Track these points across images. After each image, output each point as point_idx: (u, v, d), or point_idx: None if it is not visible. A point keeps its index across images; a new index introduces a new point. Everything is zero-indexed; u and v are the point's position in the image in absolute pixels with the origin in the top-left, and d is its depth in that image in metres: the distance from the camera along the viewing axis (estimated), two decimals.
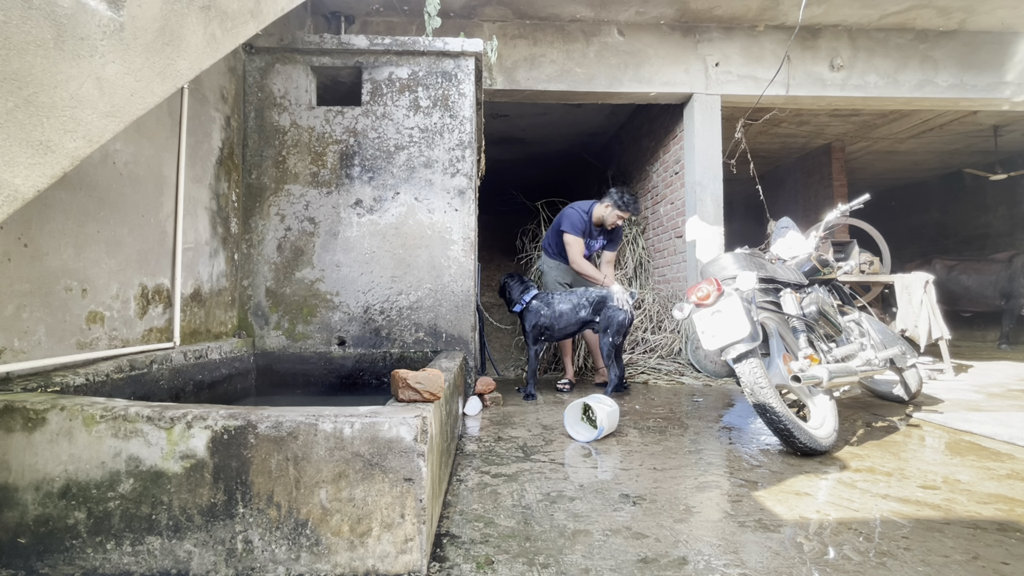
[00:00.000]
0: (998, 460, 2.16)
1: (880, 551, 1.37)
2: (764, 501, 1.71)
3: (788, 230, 3.00)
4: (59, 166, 1.03)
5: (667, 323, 4.89)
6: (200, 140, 2.61)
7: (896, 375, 3.15)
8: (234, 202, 2.96)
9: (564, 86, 4.67)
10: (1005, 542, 1.43)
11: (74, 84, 1.03)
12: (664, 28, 4.72)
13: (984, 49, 4.79)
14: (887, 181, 9.59)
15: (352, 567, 1.20)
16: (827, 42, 4.76)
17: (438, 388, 1.48)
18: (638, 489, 1.81)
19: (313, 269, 3.04)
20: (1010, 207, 8.03)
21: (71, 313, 1.78)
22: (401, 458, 1.23)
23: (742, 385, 2.22)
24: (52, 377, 1.59)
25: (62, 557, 1.21)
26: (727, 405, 3.28)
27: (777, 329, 2.51)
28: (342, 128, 3.09)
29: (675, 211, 5.16)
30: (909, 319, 4.52)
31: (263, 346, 2.99)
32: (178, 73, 1.26)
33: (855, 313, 3.06)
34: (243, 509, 1.21)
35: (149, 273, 2.21)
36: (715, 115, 4.76)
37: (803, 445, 2.13)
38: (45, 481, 1.22)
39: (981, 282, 6.92)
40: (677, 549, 1.38)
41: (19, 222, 1.56)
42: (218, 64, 2.74)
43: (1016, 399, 3.44)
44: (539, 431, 2.61)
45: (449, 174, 3.11)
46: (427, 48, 3.10)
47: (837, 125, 6.69)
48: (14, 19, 0.91)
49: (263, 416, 1.24)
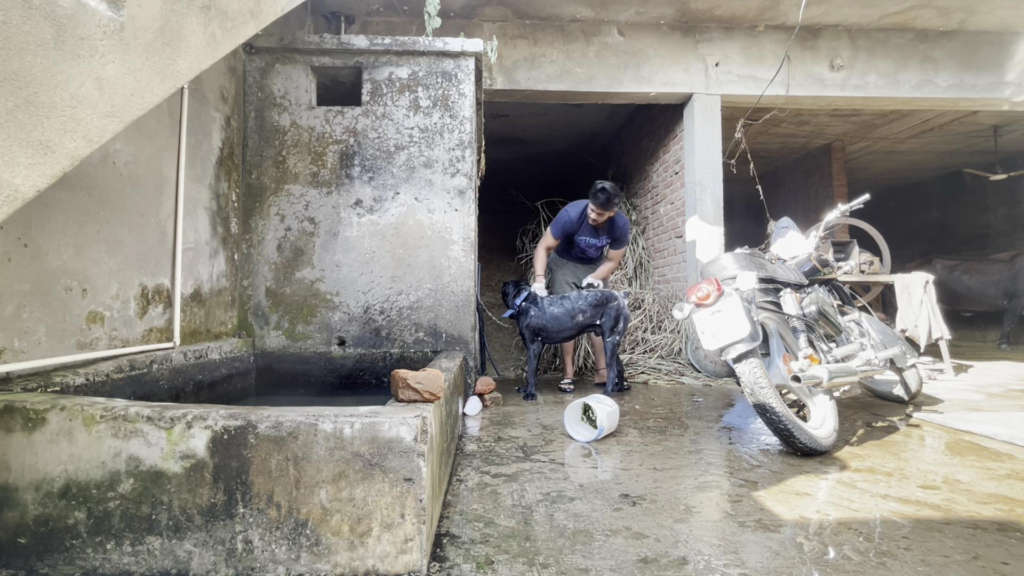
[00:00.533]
0: (998, 460, 2.16)
1: (880, 551, 1.37)
2: (764, 501, 1.71)
3: (788, 230, 3.00)
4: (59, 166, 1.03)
5: (667, 323, 4.89)
6: (200, 140, 2.61)
7: (896, 375, 3.15)
8: (234, 202, 2.96)
9: (564, 86, 4.67)
10: (1005, 542, 1.43)
11: (74, 84, 1.03)
12: (664, 28, 4.72)
13: (984, 49, 4.79)
14: (887, 181, 9.59)
15: (352, 567, 1.20)
16: (827, 42, 4.76)
17: (438, 388, 1.48)
18: (638, 489, 1.81)
19: (313, 269, 3.04)
20: (1010, 207, 8.03)
21: (71, 313, 1.78)
22: (401, 458, 1.23)
23: (742, 385, 2.22)
24: (52, 377, 1.59)
25: (62, 557, 1.21)
26: (727, 405, 3.28)
27: (777, 329, 2.51)
28: (342, 128, 3.09)
29: (675, 211, 5.16)
30: (909, 319, 4.52)
31: (263, 346, 2.99)
32: (178, 73, 1.26)
33: (855, 313, 3.06)
34: (243, 509, 1.21)
35: (149, 273, 2.21)
36: (715, 115, 4.76)
37: (803, 445, 2.13)
38: (45, 481, 1.22)
39: (983, 282, 6.93)
40: (677, 549, 1.38)
41: (19, 222, 1.56)
42: (218, 64, 2.74)
43: (1016, 399, 3.44)
44: (539, 431, 2.61)
45: (449, 174, 3.11)
46: (427, 48, 3.10)
47: (837, 125, 6.69)
48: (14, 19, 0.91)
49: (263, 416, 1.24)
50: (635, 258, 5.85)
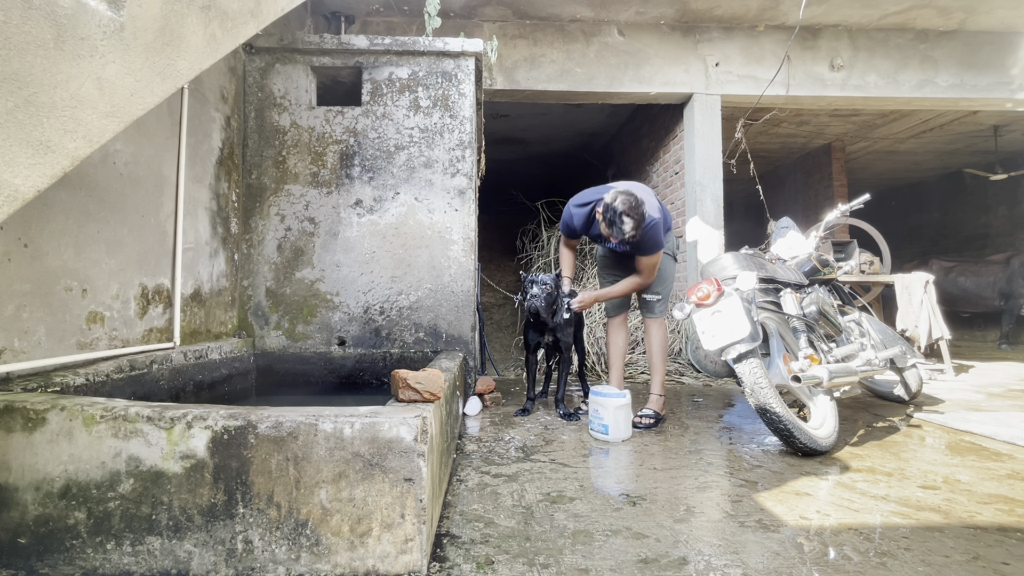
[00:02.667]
0: (998, 460, 2.16)
1: (880, 551, 1.37)
2: (764, 501, 1.71)
3: (788, 230, 2.99)
4: (59, 166, 1.03)
5: (667, 323, 4.89)
6: (200, 140, 2.61)
7: (896, 375, 3.15)
8: (234, 202, 2.96)
9: (564, 86, 4.67)
10: (1005, 542, 1.43)
11: (74, 84, 1.03)
12: (664, 28, 4.72)
13: (984, 49, 4.79)
14: (887, 181, 9.59)
15: (352, 567, 1.20)
16: (827, 42, 4.76)
17: (438, 388, 1.48)
18: (638, 489, 1.81)
19: (313, 269, 3.04)
20: (1010, 207, 8.03)
21: (71, 313, 1.78)
22: (401, 458, 1.23)
23: (742, 385, 2.21)
24: (52, 377, 1.59)
25: (62, 557, 1.21)
26: (727, 405, 3.28)
27: (777, 329, 2.51)
28: (342, 128, 3.09)
29: (675, 211, 5.16)
30: (909, 319, 4.52)
31: (263, 346, 2.99)
32: (178, 73, 1.26)
33: (855, 313, 3.06)
34: (243, 509, 1.21)
35: (149, 273, 2.21)
36: (715, 115, 4.76)
37: (803, 445, 2.13)
38: (45, 481, 1.22)
39: (979, 283, 6.94)
40: (677, 549, 1.37)
41: (19, 222, 1.56)
42: (218, 64, 2.74)
43: (1016, 399, 3.44)
44: (539, 431, 2.61)
45: (449, 174, 3.11)
46: (427, 48, 3.10)
47: (837, 125, 6.69)
48: (14, 19, 0.91)
49: (263, 416, 1.24)
50: None
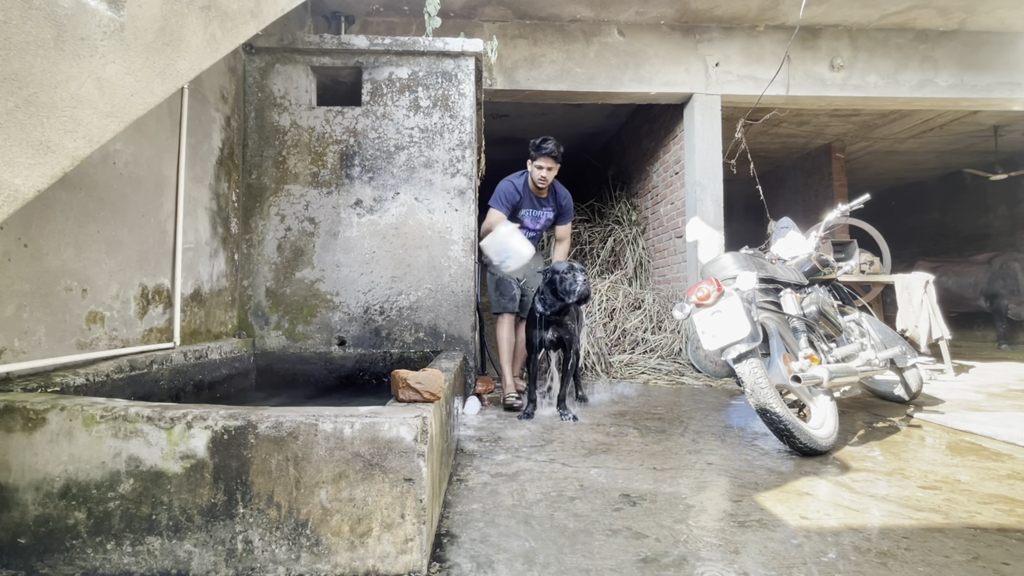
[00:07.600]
0: (998, 460, 2.16)
1: (880, 551, 1.37)
2: (764, 501, 1.70)
3: (788, 230, 2.99)
4: (59, 166, 1.03)
5: (667, 323, 4.89)
6: (200, 140, 2.61)
7: (896, 375, 3.15)
8: (234, 202, 2.96)
9: (564, 86, 4.67)
10: (1005, 542, 1.43)
11: (74, 84, 1.03)
12: (664, 28, 4.72)
13: (984, 49, 4.78)
14: (887, 181, 9.59)
15: (352, 567, 1.20)
16: (827, 42, 4.76)
17: (438, 388, 1.48)
18: (639, 489, 1.81)
19: (313, 269, 3.04)
20: (1010, 207, 8.03)
21: (71, 313, 1.78)
22: (401, 458, 1.23)
23: (742, 385, 2.21)
24: (52, 377, 1.59)
25: (62, 557, 1.21)
26: (727, 405, 3.28)
27: (777, 329, 2.51)
28: (342, 128, 3.09)
29: (675, 211, 5.16)
30: (909, 319, 4.52)
31: (263, 346, 2.99)
32: (178, 73, 1.26)
33: (855, 313, 3.06)
34: (243, 509, 1.21)
35: (149, 273, 2.21)
36: (715, 115, 4.76)
37: (803, 445, 2.13)
38: (45, 481, 1.22)
39: (961, 284, 6.96)
40: (677, 549, 1.37)
41: (19, 222, 1.56)
42: (218, 64, 2.74)
43: (1016, 399, 3.44)
44: (539, 431, 2.61)
45: (449, 174, 3.11)
46: (427, 48, 3.10)
47: (837, 125, 6.69)
48: (14, 19, 0.91)
49: (263, 416, 1.24)
50: (635, 258, 5.85)
